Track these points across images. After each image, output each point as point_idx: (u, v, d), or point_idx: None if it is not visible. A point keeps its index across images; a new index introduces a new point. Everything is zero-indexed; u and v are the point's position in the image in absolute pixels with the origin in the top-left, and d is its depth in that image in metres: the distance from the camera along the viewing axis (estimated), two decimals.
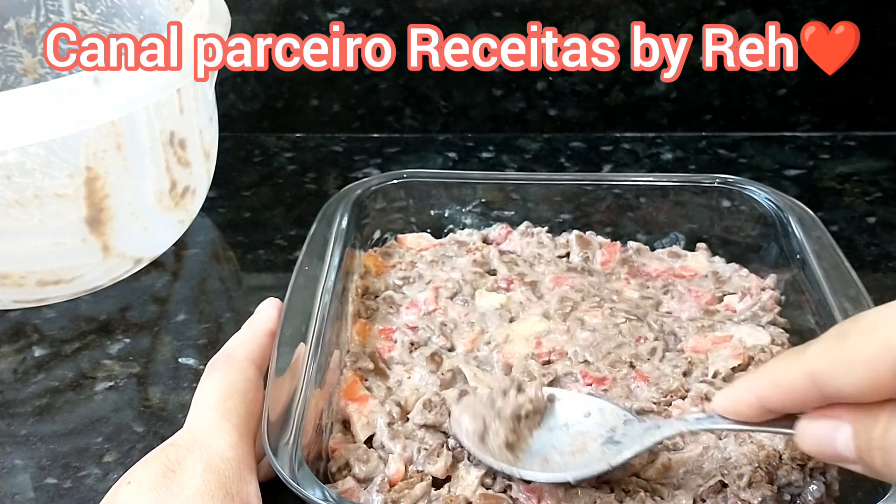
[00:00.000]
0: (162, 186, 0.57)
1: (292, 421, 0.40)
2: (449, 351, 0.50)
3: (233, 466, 0.38)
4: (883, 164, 0.75)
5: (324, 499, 0.37)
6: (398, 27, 0.76)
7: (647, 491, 0.41)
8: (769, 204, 0.56)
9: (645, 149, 0.79)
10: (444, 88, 0.79)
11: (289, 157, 0.79)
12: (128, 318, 0.59)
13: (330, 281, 0.50)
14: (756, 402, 0.35)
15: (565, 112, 0.80)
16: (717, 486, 0.41)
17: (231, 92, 0.80)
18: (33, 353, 0.56)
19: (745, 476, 0.41)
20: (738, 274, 0.56)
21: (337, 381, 0.47)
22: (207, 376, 0.43)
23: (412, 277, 0.56)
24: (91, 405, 0.52)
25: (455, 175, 0.61)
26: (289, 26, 0.76)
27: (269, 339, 0.45)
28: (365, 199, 0.58)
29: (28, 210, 0.52)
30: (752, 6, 0.74)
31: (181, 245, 0.65)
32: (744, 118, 0.80)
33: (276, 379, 0.42)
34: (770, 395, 0.34)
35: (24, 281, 0.55)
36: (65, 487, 0.47)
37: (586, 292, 0.54)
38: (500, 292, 0.54)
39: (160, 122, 0.55)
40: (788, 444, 0.42)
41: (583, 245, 0.58)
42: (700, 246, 0.59)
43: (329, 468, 0.43)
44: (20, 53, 0.68)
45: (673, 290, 0.55)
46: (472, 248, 0.58)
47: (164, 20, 0.64)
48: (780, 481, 0.41)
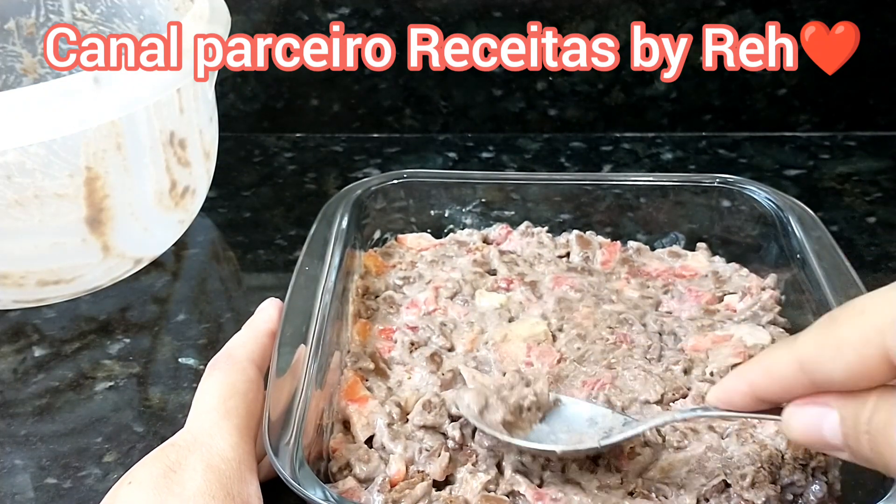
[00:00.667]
0: (162, 186, 0.57)
1: (293, 421, 0.40)
2: (449, 351, 0.50)
3: (233, 466, 0.38)
4: (883, 164, 0.75)
5: (325, 499, 0.37)
6: (398, 27, 0.76)
7: (650, 490, 0.41)
8: (769, 203, 0.56)
9: (645, 149, 0.79)
10: (444, 88, 0.79)
11: (289, 157, 0.79)
12: (128, 318, 0.59)
13: (330, 281, 0.50)
14: (748, 390, 0.35)
15: (565, 112, 0.80)
16: (720, 485, 0.41)
17: (231, 92, 0.80)
18: (33, 353, 0.56)
19: (748, 476, 0.41)
20: (739, 273, 0.56)
21: (337, 381, 0.47)
22: (208, 376, 0.43)
23: (412, 277, 0.56)
24: (91, 405, 0.52)
25: (455, 175, 0.61)
26: (289, 26, 0.76)
27: (270, 340, 0.45)
28: (365, 200, 0.58)
29: (28, 210, 0.52)
30: (752, 6, 0.74)
31: (181, 245, 0.65)
32: (744, 118, 0.80)
33: (277, 379, 0.42)
34: (761, 384, 0.34)
35: (24, 281, 0.55)
36: (65, 487, 0.47)
37: (586, 292, 0.54)
38: (499, 292, 0.54)
39: (160, 122, 0.55)
40: (790, 443, 0.42)
41: (583, 245, 0.58)
42: (700, 246, 0.59)
43: (330, 468, 0.43)
44: (20, 53, 0.68)
45: (673, 290, 0.55)
46: (473, 248, 0.58)
47: (164, 20, 0.64)
48: (782, 481, 0.41)
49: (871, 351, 0.29)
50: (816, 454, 0.42)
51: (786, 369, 0.33)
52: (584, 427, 0.42)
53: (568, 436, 0.42)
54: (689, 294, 0.54)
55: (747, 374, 0.35)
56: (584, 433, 0.42)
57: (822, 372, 0.31)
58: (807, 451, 0.42)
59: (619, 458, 0.42)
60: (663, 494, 0.41)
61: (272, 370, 0.43)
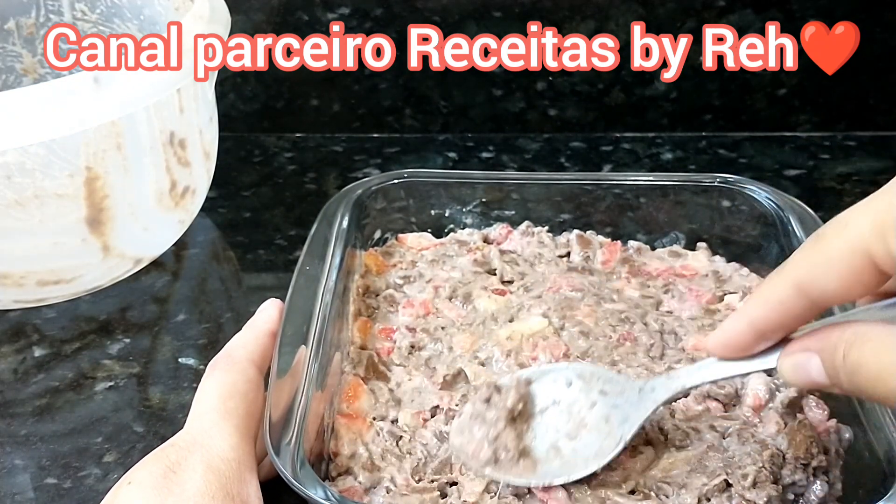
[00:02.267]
0: (162, 186, 0.57)
1: (294, 421, 0.40)
2: (449, 350, 0.50)
3: (233, 467, 0.38)
4: (883, 164, 0.75)
5: (326, 498, 0.37)
6: (398, 27, 0.76)
7: (651, 489, 0.41)
8: (769, 203, 0.56)
9: (645, 149, 0.79)
10: (444, 88, 0.79)
11: (289, 157, 0.79)
12: (128, 318, 0.59)
13: (331, 281, 0.50)
14: (748, 328, 0.36)
15: (565, 112, 0.80)
16: (721, 485, 0.41)
17: (231, 92, 0.80)
18: (33, 353, 0.56)
19: (749, 476, 0.41)
20: (739, 273, 0.56)
21: (338, 382, 0.47)
22: (208, 377, 0.43)
23: (413, 277, 0.56)
24: (91, 405, 0.52)
25: (455, 175, 0.61)
26: (289, 26, 0.76)
27: (271, 340, 0.45)
28: (365, 199, 0.58)
29: (28, 210, 0.52)
30: (752, 6, 0.74)
31: (181, 245, 0.65)
32: (744, 118, 0.80)
33: (278, 380, 0.42)
34: (761, 316, 0.35)
35: (24, 281, 0.55)
36: (65, 487, 0.47)
37: (587, 291, 0.54)
38: (500, 292, 0.54)
39: (160, 122, 0.55)
40: (791, 443, 0.42)
41: (583, 245, 0.58)
42: (700, 245, 0.59)
43: (330, 471, 0.43)
44: (20, 53, 0.68)
45: (673, 290, 0.55)
46: (473, 248, 0.58)
47: (164, 20, 0.64)
48: (784, 481, 0.41)
49: (858, 260, 0.31)
50: (818, 454, 0.42)
51: (783, 293, 0.34)
52: (572, 394, 0.42)
53: (566, 416, 0.41)
54: (690, 294, 0.54)
55: (746, 310, 0.36)
56: (576, 403, 0.41)
57: (817, 289, 0.32)
58: (808, 451, 0.42)
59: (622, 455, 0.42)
60: (664, 493, 0.41)
61: (273, 370, 0.43)
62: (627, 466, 0.42)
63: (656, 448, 0.43)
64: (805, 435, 0.42)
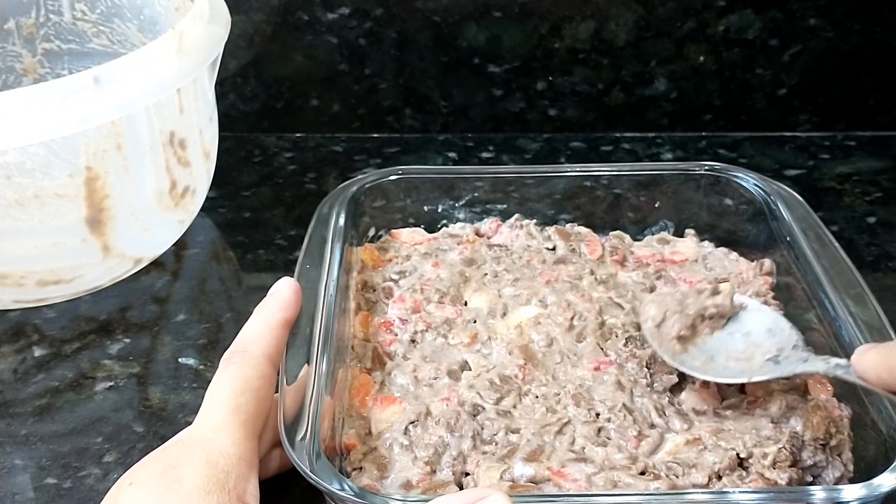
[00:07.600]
0: (162, 186, 0.57)
1: (307, 416, 0.40)
2: (449, 344, 0.50)
3: (233, 462, 0.38)
4: (883, 164, 0.75)
5: (341, 489, 0.37)
6: (398, 27, 0.76)
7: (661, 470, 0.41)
8: (756, 189, 0.57)
9: (645, 149, 0.79)
10: (444, 88, 0.79)
11: (289, 157, 0.79)
12: (128, 318, 0.59)
13: (332, 279, 0.50)
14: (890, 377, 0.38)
15: (565, 112, 0.80)
16: (732, 463, 0.41)
17: (231, 92, 0.80)
18: (33, 353, 0.56)
19: (769, 455, 0.41)
20: (729, 258, 0.57)
21: (346, 377, 0.47)
22: (222, 371, 0.43)
23: (408, 271, 0.57)
24: (91, 405, 0.52)
25: (447, 171, 0.62)
26: (289, 26, 0.76)
27: (285, 331, 0.45)
28: (360, 196, 0.59)
29: (28, 210, 0.52)
30: (752, 6, 0.74)
31: (181, 245, 0.65)
32: (744, 118, 0.80)
33: (289, 378, 0.42)
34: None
35: (24, 281, 0.55)
36: (65, 487, 0.47)
37: (577, 276, 0.55)
38: (491, 285, 0.55)
39: (160, 122, 0.55)
40: (807, 425, 0.43)
41: (563, 236, 0.59)
42: (688, 232, 0.60)
43: (344, 467, 0.43)
44: (20, 53, 0.68)
45: (665, 276, 0.56)
46: (465, 241, 0.59)
47: (164, 20, 0.64)
48: (805, 462, 0.42)
49: None
50: (836, 433, 0.43)
51: None
52: (763, 338, 0.45)
53: (744, 347, 0.45)
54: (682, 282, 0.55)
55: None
56: (759, 346, 0.45)
57: None
58: (827, 431, 0.43)
59: (632, 440, 0.43)
60: (674, 473, 0.41)
61: (282, 370, 0.43)
62: (633, 450, 0.42)
63: (661, 432, 0.44)
64: (822, 416, 0.43)
